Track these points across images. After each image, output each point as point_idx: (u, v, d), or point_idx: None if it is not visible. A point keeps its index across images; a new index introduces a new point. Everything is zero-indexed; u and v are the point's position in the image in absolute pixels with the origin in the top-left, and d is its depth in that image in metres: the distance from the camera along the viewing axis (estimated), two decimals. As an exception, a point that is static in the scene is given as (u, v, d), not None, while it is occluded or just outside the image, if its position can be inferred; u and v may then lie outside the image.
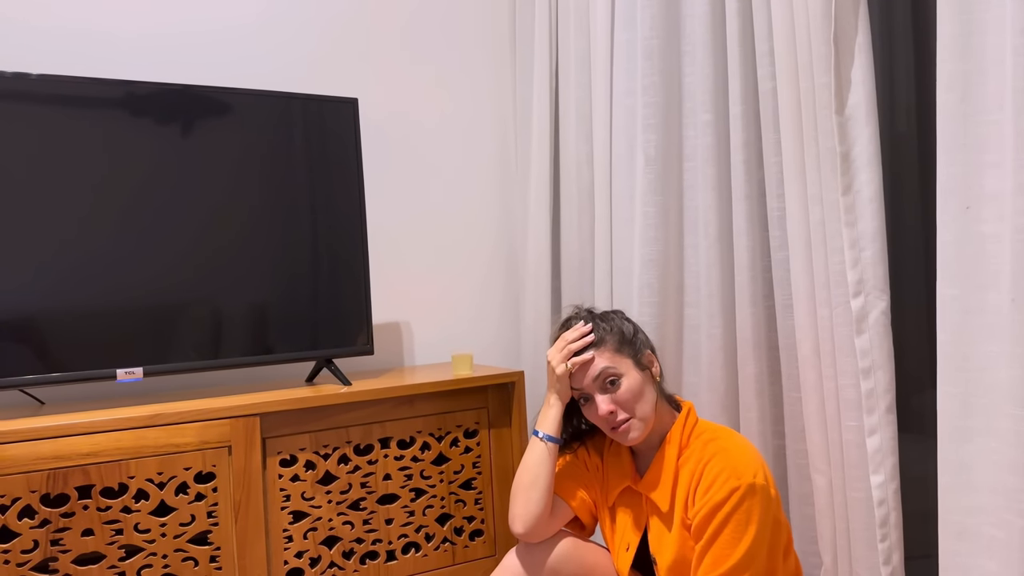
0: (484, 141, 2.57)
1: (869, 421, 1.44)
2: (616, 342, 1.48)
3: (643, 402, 1.45)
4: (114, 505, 1.60)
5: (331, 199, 2.00)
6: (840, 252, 1.46)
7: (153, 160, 1.81)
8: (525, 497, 1.50)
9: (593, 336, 1.48)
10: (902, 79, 1.81)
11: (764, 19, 1.66)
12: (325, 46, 2.31)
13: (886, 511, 1.44)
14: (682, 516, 1.42)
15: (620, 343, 1.48)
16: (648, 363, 1.50)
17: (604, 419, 1.46)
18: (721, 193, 1.83)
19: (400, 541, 1.92)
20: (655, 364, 1.52)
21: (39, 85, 1.70)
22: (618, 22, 2.05)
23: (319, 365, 2.05)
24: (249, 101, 1.92)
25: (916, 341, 1.67)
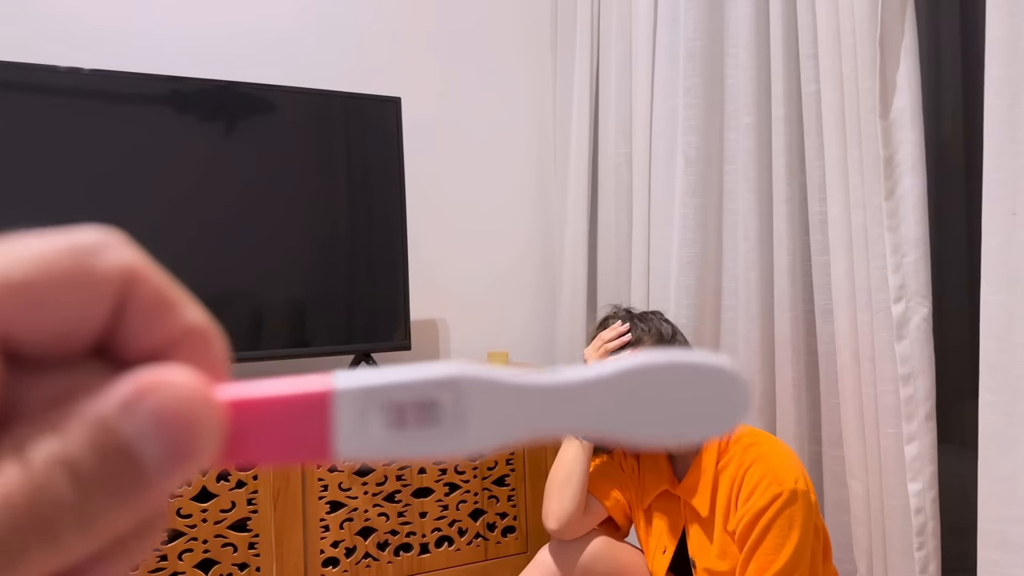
0: (523, 140, 2.58)
1: (908, 428, 1.43)
2: (653, 343, 1.49)
3: None
4: (157, 490, 1.64)
5: (372, 196, 2.03)
6: (882, 257, 1.45)
7: (197, 154, 1.85)
8: (559, 494, 1.51)
9: (630, 336, 1.49)
10: (949, 83, 1.79)
11: (808, 22, 1.65)
12: (367, 44, 2.34)
13: (923, 520, 1.42)
14: (723, 523, 1.42)
15: (657, 344, 1.49)
16: None
17: None
18: (762, 196, 1.82)
19: (433, 535, 1.94)
20: None
21: (91, 80, 1.75)
22: (661, 24, 2.05)
23: (357, 359, 2.08)
24: (292, 98, 1.95)
25: (958, 349, 1.65)
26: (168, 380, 0.18)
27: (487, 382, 0.22)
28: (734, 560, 1.40)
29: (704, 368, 0.22)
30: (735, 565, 1.39)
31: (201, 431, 0.18)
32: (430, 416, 0.21)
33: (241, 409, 0.20)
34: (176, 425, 0.18)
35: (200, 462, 0.19)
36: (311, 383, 0.21)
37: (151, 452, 0.18)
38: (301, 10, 2.25)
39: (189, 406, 0.18)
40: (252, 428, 0.21)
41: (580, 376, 0.22)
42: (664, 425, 0.23)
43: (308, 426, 0.21)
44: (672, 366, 0.22)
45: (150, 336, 0.20)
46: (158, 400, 0.18)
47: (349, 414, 0.21)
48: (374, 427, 0.21)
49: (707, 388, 0.22)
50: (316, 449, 0.21)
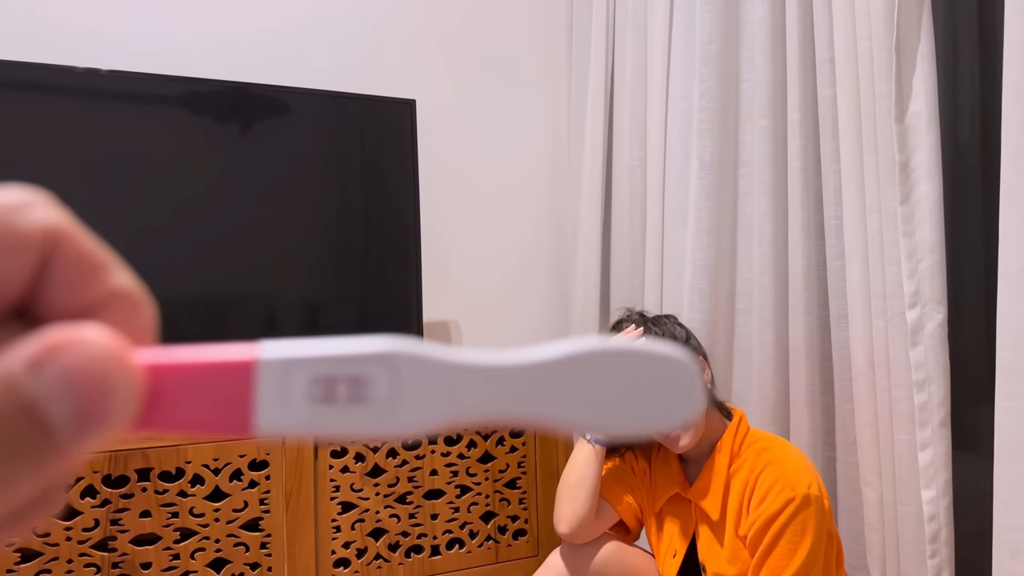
0: (537, 142, 2.59)
1: (922, 435, 1.42)
2: None
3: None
4: (171, 489, 1.66)
5: (385, 199, 2.04)
6: (897, 263, 1.44)
7: (212, 155, 1.86)
8: (571, 498, 1.50)
9: (641, 334, 1.49)
10: (966, 87, 1.77)
11: (825, 26, 1.64)
12: (382, 46, 2.35)
13: (937, 527, 1.41)
14: (735, 527, 1.41)
15: None
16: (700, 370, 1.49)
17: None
18: (777, 200, 1.82)
19: (445, 537, 1.95)
20: (706, 371, 1.51)
21: (108, 81, 1.77)
22: (676, 26, 2.05)
23: (370, 360, 2.09)
24: (307, 100, 1.96)
25: (974, 356, 1.64)
26: (80, 338, 0.17)
27: (425, 359, 0.21)
28: (744, 565, 1.39)
29: (653, 357, 0.21)
30: (745, 570, 1.39)
31: (114, 393, 0.17)
32: (362, 393, 0.20)
33: (160, 374, 0.19)
34: (87, 385, 0.17)
35: (113, 426, 0.18)
36: (236, 351, 0.20)
37: (59, 413, 0.17)
38: (316, 12, 2.27)
39: (102, 366, 0.17)
40: (171, 394, 0.20)
41: (524, 358, 0.21)
42: (609, 414, 0.21)
43: (229, 396, 0.20)
44: (619, 352, 0.21)
45: (73, 298, 0.19)
46: (69, 358, 0.17)
47: (273, 385, 0.20)
48: (300, 401, 0.20)
49: (656, 377, 0.21)
50: (236, 420, 0.20)
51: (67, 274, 0.19)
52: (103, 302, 0.19)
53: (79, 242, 0.19)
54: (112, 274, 0.20)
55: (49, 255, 0.18)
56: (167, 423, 0.20)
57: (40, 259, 0.18)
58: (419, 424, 0.21)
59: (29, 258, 0.18)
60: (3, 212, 0.18)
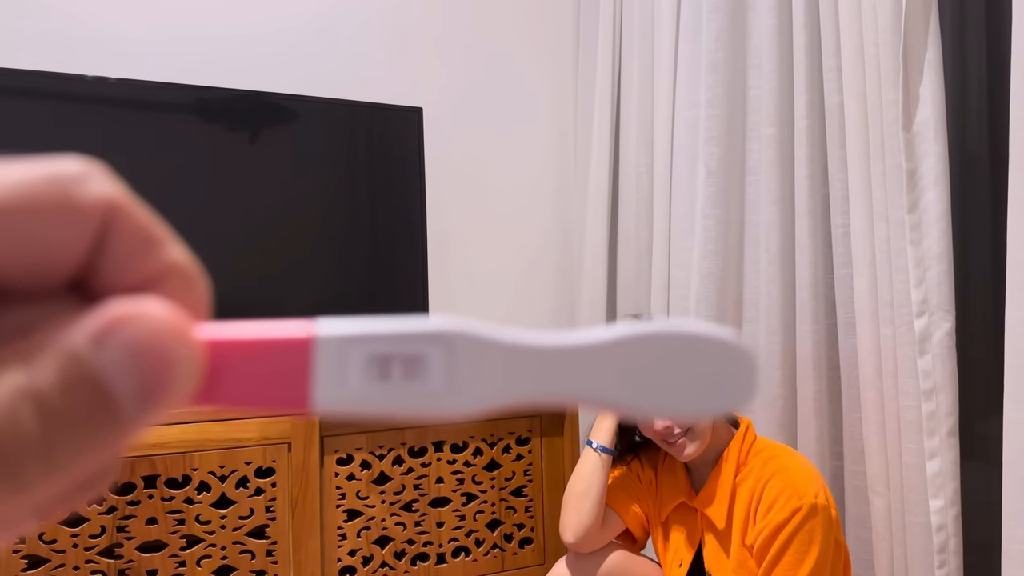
0: (543, 150, 2.59)
1: (930, 444, 1.41)
2: None
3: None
4: (177, 496, 1.66)
5: (393, 206, 2.04)
6: (904, 271, 1.44)
7: (222, 162, 1.87)
8: (577, 507, 1.50)
9: None
10: (973, 95, 1.77)
11: (832, 34, 1.64)
12: (390, 53, 2.36)
13: (945, 537, 1.40)
14: (741, 536, 1.40)
15: None
16: None
17: (659, 434, 1.45)
18: (784, 208, 1.81)
19: (451, 544, 1.94)
20: None
21: (117, 89, 1.78)
22: (683, 34, 2.05)
23: (377, 368, 2.09)
24: (315, 108, 1.97)
25: (982, 365, 1.63)
26: (143, 312, 0.17)
27: (480, 339, 0.21)
28: (751, 574, 1.39)
29: (711, 341, 0.21)
30: (753, 580, 1.38)
31: (176, 366, 0.17)
32: (417, 371, 0.20)
33: (219, 349, 0.20)
34: (150, 359, 0.17)
35: (174, 400, 0.18)
36: (294, 328, 0.20)
37: (123, 386, 0.17)
38: (325, 21, 2.28)
39: (165, 339, 0.17)
40: (229, 370, 0.20)
41: (580, 340, 0.21)
42: (665, 397, 0.21)
43: (287, 372, 0.20)
44: (678, 336, 0.21)
45: (130, 272, 0.19)
46: (132, 332, 0.17)
47: (330, 363, 0.20)
48: (356, 378, 0.20)
49: (713, 362, 0.21)
50: (294, 396, 0.20)
51: (124, 247, 0.19)
52: (159, 276, 0.19)
53: (136, 215, 0.19)
54: (168, 248, 0.20)
55: (106, 227, 0.18)
56: (226, 399, 0.20)
57: (97, 231, 0.18)
58: (472, 404, 0.21)
59: (87, 230, 0.18)
60: (62, 182, 0.18)
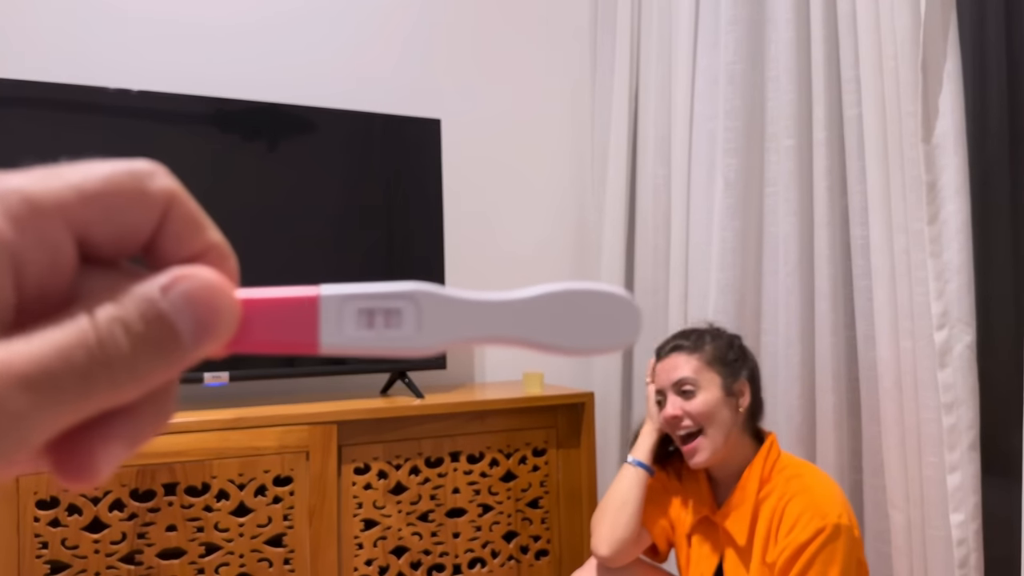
0: (561, 161, 2.60)
1: (950, 458, 1.40)
2: (710, 357, 1.47)
3: (715, 425, 1.43)
4: (196, 503, 1.67)
5: (410, 217, 2.06)
6: (925, 283, 1.43)
7: (240, 174, 1.89)
8: (613, 521, 1.49)
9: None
10: (993, 107, 1.76)
11: (850, 46, 1.64)
12: (408, 67, 2.38)
13: (966, 552, 1.39)
14: (762, 553, 1.39)
15: (713, 359, 1.47)
16: (738, 391, 1.47)
17: (668, 422, 1.46)
18: (803, 219, 1.81)
19: (467, 555, 1.94)
20: (745, 396, 1.48)
21: (139, 100, 1.81)
22: (701, 46, 2.05)
23: (393, 378, 2.10)
24: (333, 120, 1.99)
25: (1003, 378, 1.61)
26: (198, 273, 0.24)
27: (439, 296, 0.28)
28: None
29: (607, 295, 0.29)
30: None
31: (222, 313, 0.24)
32: (395, 320, 0.27)
33: (249, 305, 0.26)
34: (203, 304, 0.23)
35: (220, 338, 0.24)
36: (303, 290, 0.27)
37: (184, 324, 0.23)
38: (342, 33, 2.30)
39: (213, 292, 0.24)
40: (256, 321, 0.26)
41: (513, 295, 0.29)
42: (575, 337, 0.29)
43: (299, 322, 0.27)
44: (583, 292, 0.29)
45: (184, 247, 0.25)
46: (190, 285, 0.23)
47: (331, 315, 0.27)
48: (350, 326, 0.27)
49: (609, 310, 0.29)
50: (304, 341, 0.26)
51: (179, 228, 0.25)
52: (204, 252, 0.26)
53: (189, 204, 0.25)
54: (210, 231, 0.26)
55: (168, 212, 0.24)
56: (254, 344, 0.26)
57: (162, 213, 0.24)
58: (436, 343, 0.27)
59: (154, 212, 0.24)
60: (138, 176, 0.24)
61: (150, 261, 0.25)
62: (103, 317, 0.22)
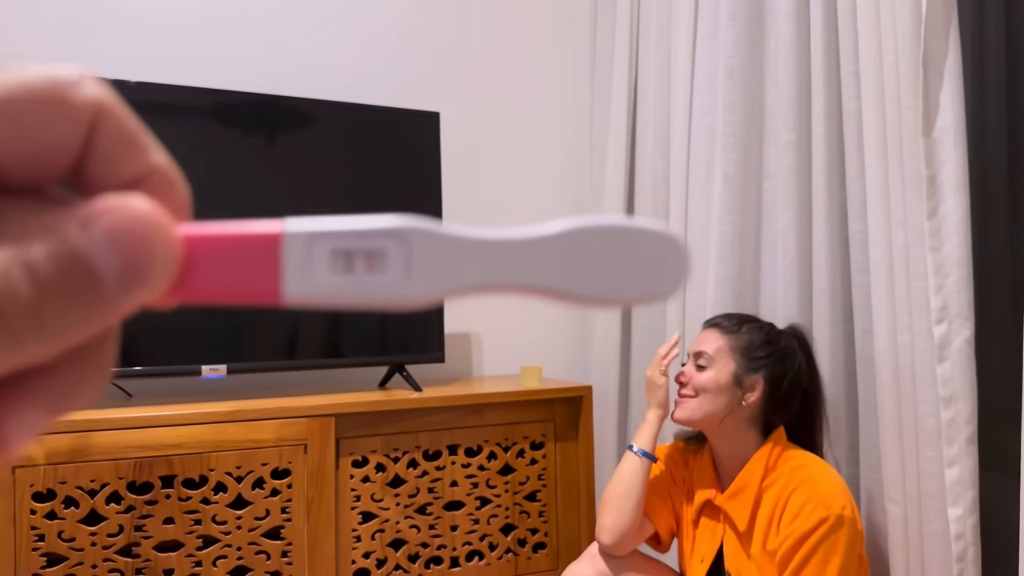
0: (559, 155, 2.59)
1: (948, 452, 1.40)
2: (736, 344, 1.49)
3: (711, 402, 1.45)
4: (194, 496, 1.67)
5: (408, 210, 2.05)
6: (923, 277, 1.43)
7: (239, 166, 1.89)
8: (617, 509, 1.50)
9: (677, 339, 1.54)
10: (993, 102, 1.76)
11: (850, 40, 1.64)
12: (407, 58, 2.37)
13: (964, 546, 1.39)
14: (763, 541, 1.40)
15: (738, 347, 1.49)
16: (748, 386, 1.48)
17: (677, 378, 1.54)
18: (801, 214, 1.81)
19: (464, 548, 1.94)
20: (755, 392, 1.48)
21: (136, 92, 1.80)
22: (700, 40, 2.05)
23: (392, 371, 2.10)
24: (332, 112, 1.98)
25: (1001, 373, 1.62)
26: (126, 203, 0.19)
27: (434, 234, 0.22)
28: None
29: (646, 233, 0.23)
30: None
31: (155, 252, 0.19)
32: (378, 264, 0.22)
33: (195, 244, 0.21)
34: (130, 243, 0.19)
35: (154, 284, 0.20)
36: (263, 225, 0.22)
37: (106, 266, 0.19)
38: (342, 25, 2.29)
39: (144, 227, 0.19)
40: (204, 264, 0.21)
41: (526, 233, 0.23)
42: (603, 284, 0.23)
43: (258, 266, 0.22)
44: (616, 228, 0.23)
45: (117, 171, 0.21)
46: (115, 218, 0.19)
47: (297, 256, 0.22)
48: (322, 271, 0.22)
49: (648, 252, 0.23)
50: (264, 288, 0.22)
51: (111, 147, 0.21)
52: (142, 177, 0.21)
53: (123, 118, 0.21)
54: (151, 152, 0.22)
55: (96, 128, 0.20)
56: (202, 292, 0.22)
57: (88, 128, 0.20)
58: (429, 292, 0.22)
59: (78, 126, 0.20)
60: (58, 84, 0.19)
61: (80, 188, 0.21)
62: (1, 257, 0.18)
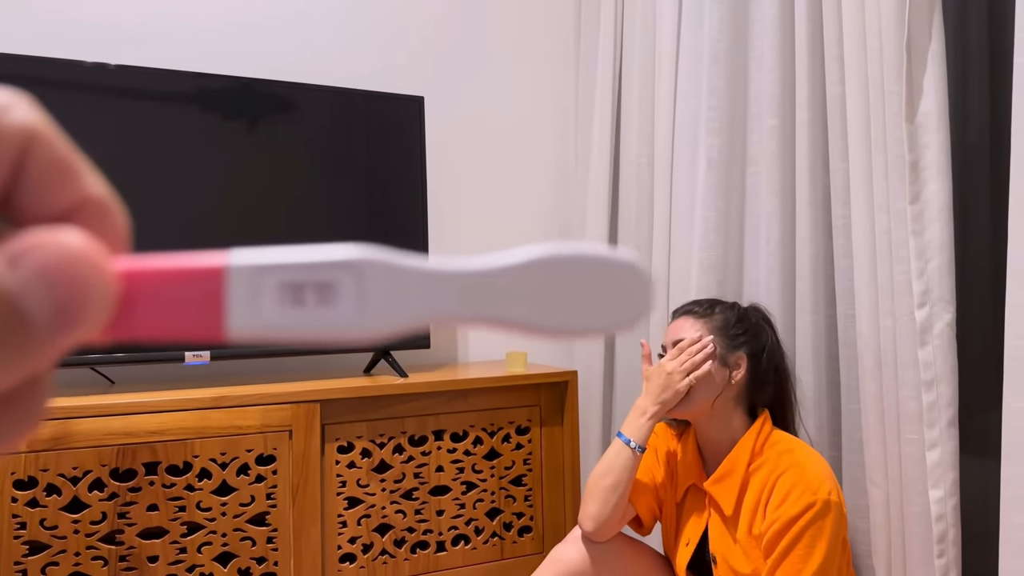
0: (544, 141, 2.59)
1: (930, 435, 1.42)
2: (713, 326, 1.50)
3: (701, 387, 1.45)
4: (178, 483, 1.66)
5: (393, 196, 2.04)
6: (906, 262, 1.44)
7: (220, 150, 1.87)
8: (603, 499, 1.50)
9: (711, 348, 1.49)
10: (976, 87, 1.77)
11: (834, 25, 1.64)
12: (391, 42, 2.35)
13: (944, 527, 1.41)
14: (748, 524, 1.41)
15: (715, 328, 1.50)
16: (733, 363, 1.49)
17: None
18: (785, 199, 1.82)
19: (450, 533, 1.95)
20: (740, 370, 1.49)
21: (117, 76, 1.78)
22: (685, 24, 2.04)
23: (377, 356, 2.09)
24: (315, 96, 1.97)
25: (982, 355, 1.63)
26: (56, 238, 0.18)
27: (389, 266, 0.21)
28: (757, 563, 1.39)
29: (608, 262, 0.23)
30: (758, 568, 1.39)
31: (89, 291, 0.18)
32: (330, 297, 0.21)
33: (134, 280, 0.20)
34: (62, 282, 0.18)
35: (89, 324, 0.18)
36: (207, 258, 0.21)
37: (37, 307, 0.18)
38: (326, 8, 2.27)
39: (77, 265, 0.18)
40: (144, 300, 0.20)
41: (485, 263, 0.22)
42: (567, 315, 0.22)
43: (201, 301, 0.20)
44: (580, 258, 0.22)
45: (49, 201, 0.20)
46: (45, 255, 0.18)
47: (243, 290, 0.21)
48: (270, 305, 0.21)
49: (610, 281, 0.23)
50: (208, 325, 0.20)
51: (42, 176, 0.19)
52: (77, 207, 0.20)
53: (55, 145, 0.19)
54: (86, 180, 0.20)
55: (26, 155, 0.19)
56: (142, 329, 0.20)
57: (16, 157, 0.19)
58: (384, 326, 0.21)
59: (8, 155, 0.19)
60: None
61: (10, 218, 0.19)
62: None
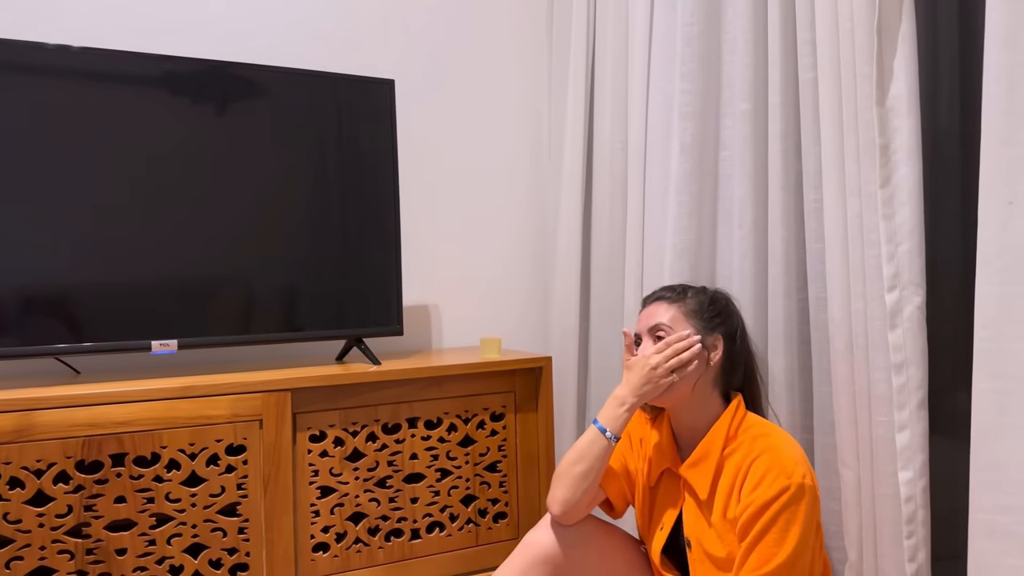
0: (517, 126, 2.57)
1: (900, 417, 1.43)
2: (688, 309, 1.49)
3: (682, 378, 1.45)
4: (146, 474, 1.64)
5: (364, 180, 2.02)
6: (877, 246, 1.45)
7: (189, 135, 1.83)
8: (574, 485, 1.50)
9: (698, 348, 1.47)
10: (946, 70, 1.77)
11: (807, 8, 1.64)
12: (362, 26, 2.32)
13: (913, 508, 1.42)
14: (723, 508, 1.41)
15: (691, 311, 1.49)
16: (710, 345, 1.49)
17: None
18: (757, 183, 1.82)
19: (425, 520, 1.94)
20: (717, 351, 1.49)
21: (80, 58, 1.73)
22: (657, 7, 2.03)
23: (349, 344, 2.07)
24: (285, 79, 1.93)
25: (951, 339, 1.65)
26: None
27: None
28: (731, 547, 1.40)
29: None
30: (732, 551, 1.39)
31: None
32: None
33: None
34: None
35: None
36: None
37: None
38: (294, -9, 2.23)
39: None
40: None
41: None
42: None
43: None
44: None
45: None
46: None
47: None
48: None
49: None
50: None
51: None
52: None
53: None
54: None
55: None
56: None
57: None
58: None
59: None
60: None
61: None
62: None
